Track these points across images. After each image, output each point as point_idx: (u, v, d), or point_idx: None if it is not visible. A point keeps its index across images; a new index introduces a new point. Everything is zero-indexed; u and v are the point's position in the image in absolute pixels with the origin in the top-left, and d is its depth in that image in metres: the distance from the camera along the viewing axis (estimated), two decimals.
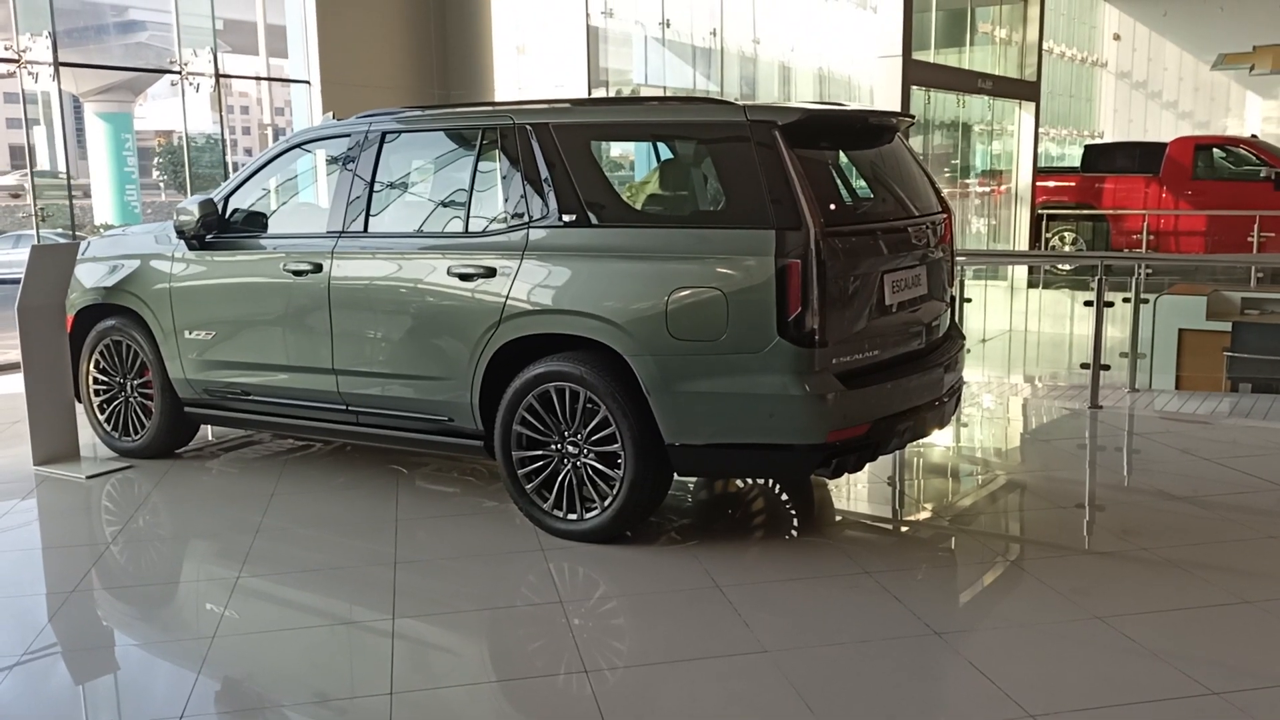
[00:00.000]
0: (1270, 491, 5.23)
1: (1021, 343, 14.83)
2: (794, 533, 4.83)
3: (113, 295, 5.79)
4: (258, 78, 13.20)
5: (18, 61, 9.15)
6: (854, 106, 5.38)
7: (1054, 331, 14.72)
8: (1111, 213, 17.20)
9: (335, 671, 3.53)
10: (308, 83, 11.79)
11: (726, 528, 4.91)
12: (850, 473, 4.41)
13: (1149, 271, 9.53)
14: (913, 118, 5.41)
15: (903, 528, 4.99)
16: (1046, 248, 17.47)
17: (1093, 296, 7.35)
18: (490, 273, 4.56)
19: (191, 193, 10.82)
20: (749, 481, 5.40)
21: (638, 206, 4.81)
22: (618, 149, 11.53)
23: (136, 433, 5.87)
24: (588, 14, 12.70)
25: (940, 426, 4.81)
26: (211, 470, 5.81)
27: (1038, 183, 18.33)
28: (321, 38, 11.65)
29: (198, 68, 10.74)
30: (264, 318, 5.29)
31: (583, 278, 4.39)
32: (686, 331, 4.15)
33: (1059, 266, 16.00)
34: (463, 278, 4.63)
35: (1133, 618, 3.72)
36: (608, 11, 13.04)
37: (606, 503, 4.40)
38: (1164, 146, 17.26)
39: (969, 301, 8.73)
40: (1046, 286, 15.66)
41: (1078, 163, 19.09)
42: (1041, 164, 19.36)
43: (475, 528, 4.79)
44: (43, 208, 9.56)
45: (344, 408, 5.12)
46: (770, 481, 5.36)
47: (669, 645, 3.63)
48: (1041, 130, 19.27)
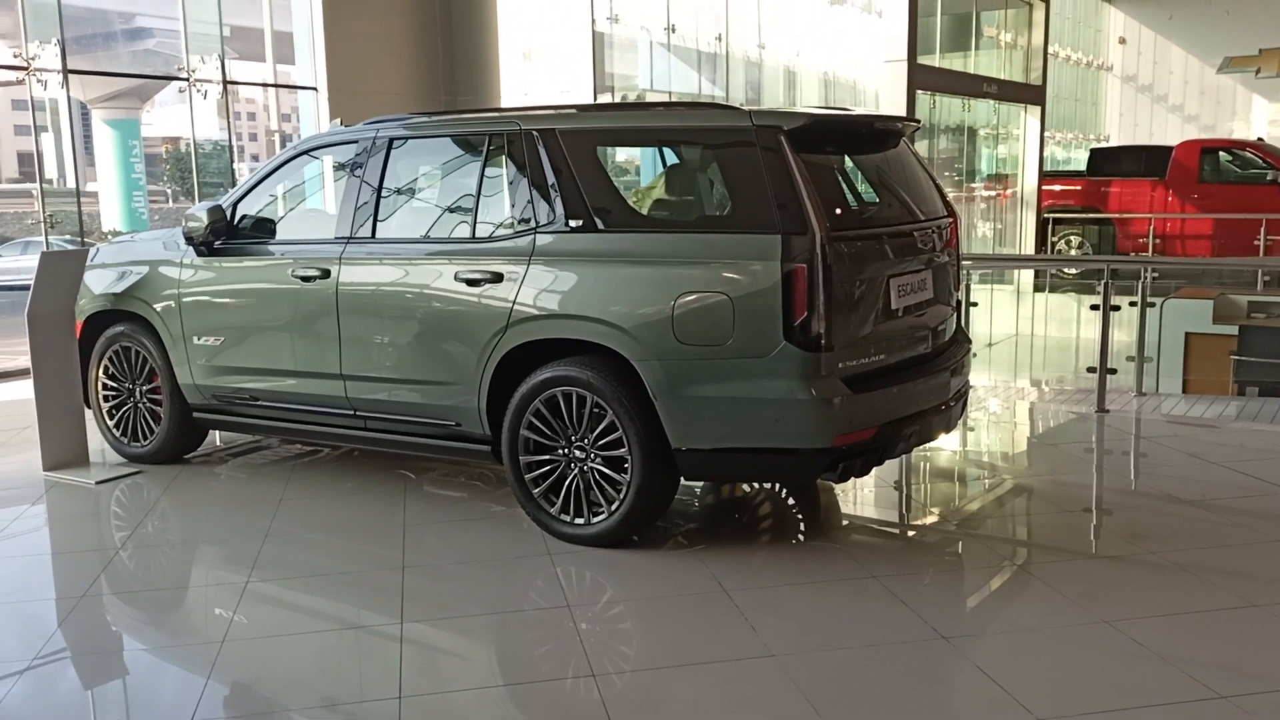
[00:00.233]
0: (1278, 495, 5.22)
1: (1028, 347, 14.79)
2: (800, 537, 4.83)
3: (121, 301, 5.81)
4: (265, 84, 13.24)
5: (27, 69, 9.20)
6: (859, 111, 5.39)
7: (1060, 335, 14.69)
8: (1117, 216, 17.18)
9: (344, 676, 3.55)
10: (315, 89, 11.81)
11: (733, 532, 4.91)
12: (856, 477, 4.42)
13: (1155, 275, 9.52)
14: (918, 122, 5.42)
15: (909, 532, 4.99)
16: (1052, 252, 17.44)
17: (1099, 300, 7.36)
18: (497, 278, 4.58)
19: (199, 199, 10.85)
20: (755, 486, 5.40)
21: (644, 212, 4.81)
22: (624, 154, 11.55)
23: (145, 438, 5.89)
24: (593, 20, 12.72)
25: (946, 431, 4.81)
26: (220, 475, 5.83)
27: (1043, 187, 18.30)
28: (328, 44, 11.68)
29: (205, 74, 10.77)
30: (272, 323, 5.31)
31: (589, 283, 4.40)
32: (693, 336, 4.16)
33: (1065, 270, 15.97)
34: (470, 283, 4.64)
35: (1140, 622, 3.72)
36: (613, 17, 13.05)
37: (613, 507, 4.41)
38: (1170, 150, 17.23)
39: (975, 305, 8.71)
40: (1052, 290, 15.63)
41: (1083, 166, 19.08)
42: (1047, 168, 19.34)
43: (483, 532, 4.80)
44: (51, 214, 9.59)
45: (352, 413, 5.14)
46: (776, 486, 5.37)
47: (676, 649, 3.64)
48: (1047, 134, 19.26)
